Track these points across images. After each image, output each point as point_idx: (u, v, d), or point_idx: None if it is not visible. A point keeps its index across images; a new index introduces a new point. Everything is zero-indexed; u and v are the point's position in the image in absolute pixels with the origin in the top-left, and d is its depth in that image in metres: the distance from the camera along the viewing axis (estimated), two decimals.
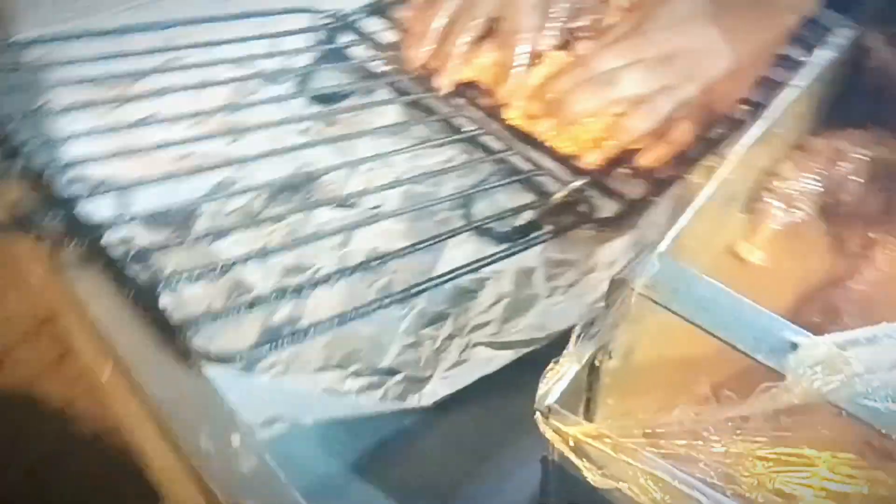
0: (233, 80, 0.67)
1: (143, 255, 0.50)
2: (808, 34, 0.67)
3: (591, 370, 0.40)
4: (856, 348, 0.31)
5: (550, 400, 0.37)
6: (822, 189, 0.54)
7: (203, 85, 0.64)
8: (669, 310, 0.35)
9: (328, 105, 0.67)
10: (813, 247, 0.52)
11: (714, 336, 0.34)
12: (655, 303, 0.36)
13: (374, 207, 0.59)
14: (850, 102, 0.58)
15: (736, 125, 0.62)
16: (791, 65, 0.65)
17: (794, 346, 0.32)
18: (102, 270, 0.50)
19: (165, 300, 0.48)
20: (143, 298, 0.47)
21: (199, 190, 0.59)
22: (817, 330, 0.45)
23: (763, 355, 0.32)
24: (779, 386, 0.31)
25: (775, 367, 0.32)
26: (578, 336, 0.38)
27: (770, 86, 0.64)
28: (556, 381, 0.38)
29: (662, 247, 0.43)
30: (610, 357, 0.40)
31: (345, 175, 0.61)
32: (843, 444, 0.33)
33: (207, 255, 0.54)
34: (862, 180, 0.54)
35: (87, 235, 0.50)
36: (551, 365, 0.38)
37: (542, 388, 0.38)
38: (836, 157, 0.55)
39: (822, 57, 0.55)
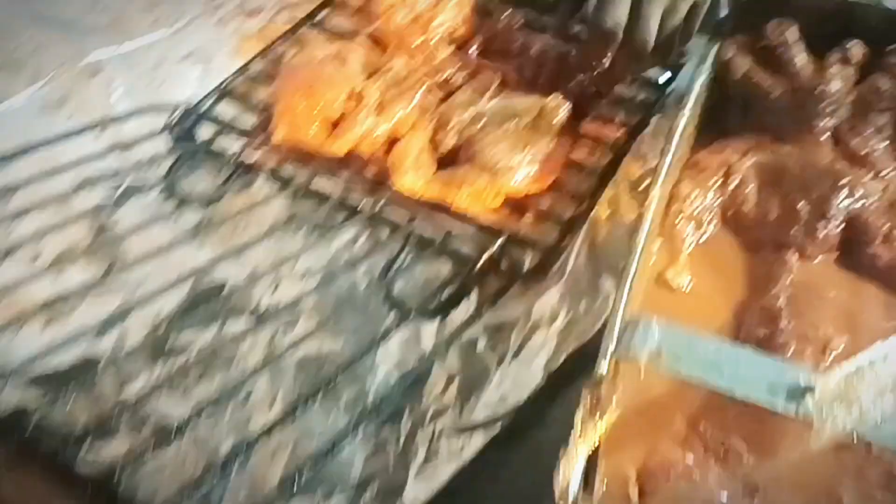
0: (93, 208, 0.61)
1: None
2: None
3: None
4: (862, 374, 0.33)
5: (573, 490, 0.36)
6: (722, 203, 0.56)
7: (63, 223, 0.59)
8: (677, 374, 0.35)
9: (206, 210, 0.62)
10: (730, 260, 0.55)
11: (729, 394, 0.34)
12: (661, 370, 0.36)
13: (292, 313, 0.55)
14: (722, 113, 0.61)
15: (618, 150, 0.64)
16: (650, 86, 0.69)
17: (810, 389, 0.33)
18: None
19: None
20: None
21: (87, 333, 0.53)
22: (767, 342, 0.48)
23: (782, 405, 0.33)
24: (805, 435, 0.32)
25: (797, 413, 0.33)
26: (582, 420, 0.38)
27: (638, 107, 0.67)
28: (571, 469, 0.37)
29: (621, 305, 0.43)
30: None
31: (249, 284, 0.57)
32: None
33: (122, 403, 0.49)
34: (755, 186, 0.57)
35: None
36: (563, 452, 0.37)
37: (560, 479, 0.37)
38: (726, 168, 0.57)
39: (697, 77, 0.57)
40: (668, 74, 0.70)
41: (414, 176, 0.60)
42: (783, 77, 0.60)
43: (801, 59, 0.60)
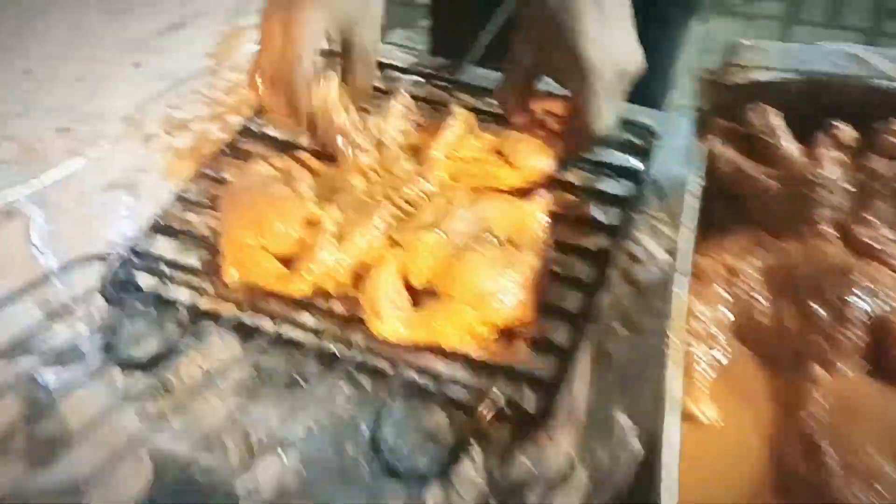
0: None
1: None
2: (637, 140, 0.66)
3: None
4: None
5: None
6: (733, 316, 0.52)
7: None
8: None
9: (156, 373, 0.55)
10: (752, 381, 0.50)
11: None
12: None
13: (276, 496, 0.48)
14: (709, 207, 0.57)
15: (606, 257, 0.60)
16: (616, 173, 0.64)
17: None
18: None
19: None
20: None
21: None
22: (812, 476, 0.44)
23: None
24: None
25: None
26: None
27: (612, 201, 0.63)
28: None
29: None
30: None
31: (219, 465, 0.50)
32: None
33: None
34: (763, 292, 0.52)
35: None
36: None
37: None
38: (730, 275, 0.53)
39: (689, 173, 0.53)
40: (637, 162, 0.66)
41: (391, 319, 0.54)
42: (772, 166, 0.56)
43: (789, 146, 0.56)
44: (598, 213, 0.63)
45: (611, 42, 0.59)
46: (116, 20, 0.87)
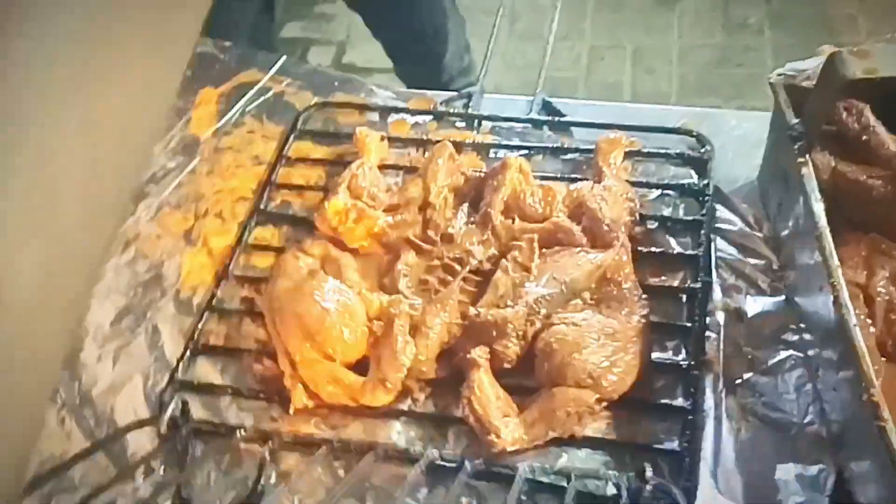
0: None
1: None
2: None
3: None
4: None
5: None
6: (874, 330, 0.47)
7: None
8: None
9: None
10: None
11: None
12: None
13: None
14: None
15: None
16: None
17: None
18: None
19: None
20: None
21: None
22: None
23: None
24: None
25: None
26: None
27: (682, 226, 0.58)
28: None
29: None
30: None
31: None
32: None
33: None
34: None
35: None
36: None
37: None
38: (860, 293, 0.48)
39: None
40: (696, 177, 0.61)
41: (508, 431, 0.47)
42: (871, 165, 0.51)
43: (889, 139, 0.51)
44: (675, 243, 0.58)
45: None
46: None
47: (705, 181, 0.60)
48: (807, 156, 0.50)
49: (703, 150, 0.62)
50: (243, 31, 0.92)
